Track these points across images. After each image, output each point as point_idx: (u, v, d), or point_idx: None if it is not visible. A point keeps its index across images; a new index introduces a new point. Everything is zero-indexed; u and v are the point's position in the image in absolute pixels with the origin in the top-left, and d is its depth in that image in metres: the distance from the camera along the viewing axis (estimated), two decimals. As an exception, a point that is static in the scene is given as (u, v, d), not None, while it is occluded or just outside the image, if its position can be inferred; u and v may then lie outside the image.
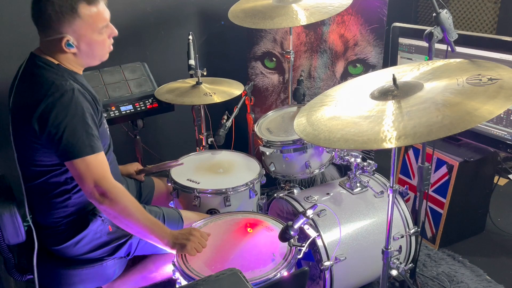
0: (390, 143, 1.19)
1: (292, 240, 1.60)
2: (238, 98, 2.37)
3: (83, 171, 1.48)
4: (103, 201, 1.50)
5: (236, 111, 2.32)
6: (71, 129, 1.45)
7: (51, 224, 1.63)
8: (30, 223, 1.63)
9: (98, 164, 1.50)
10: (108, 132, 1.74)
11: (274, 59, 2.94)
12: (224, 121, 2.22)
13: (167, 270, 1.82)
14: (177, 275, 1.59)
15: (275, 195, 2.07)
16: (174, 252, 1.62)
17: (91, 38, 1.53)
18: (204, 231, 1.70)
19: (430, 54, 1.76)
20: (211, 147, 2.42)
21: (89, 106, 1.52)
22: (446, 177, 2.42)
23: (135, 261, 1.85)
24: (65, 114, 1.45)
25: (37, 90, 1.47)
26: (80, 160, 1.47)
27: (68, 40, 1.50)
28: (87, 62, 1.61)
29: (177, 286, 1.64)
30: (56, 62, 1.54)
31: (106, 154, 1.64)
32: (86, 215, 1.64)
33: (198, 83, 2.36)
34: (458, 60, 1.48)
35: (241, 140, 2.79)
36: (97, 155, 1.50)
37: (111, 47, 1.63)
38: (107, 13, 1.56)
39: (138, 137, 2.53)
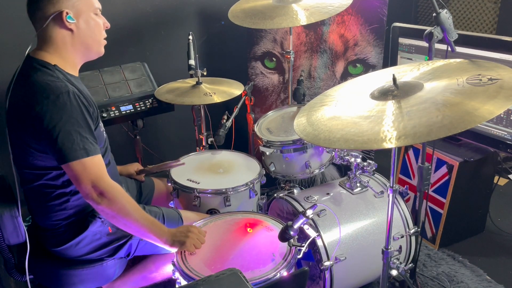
0: (390, 143, 1.19)
1: (292, 240, 1.60)
2: (238, 98, 2.37)
3: (79, 173, 1.47)
4: (101, 202, 1.49)
5: (236, 111, 2.32)
6: (65, 132, 1.45)
7: (50, 226, 1.63)
8: (24, 223, 1.62)
9: (94, 166, 1.49)
10: (105, 134, 1.73)
11: (274, 59, 2.94)
12: (224, 121, 2.22)
13: (167, 270, 1.82)
14: (177, 275, 1.59)
15: (275, 195, 2.07)
16: (173, 250, 1.62)
17: (88, 15, 1.58)
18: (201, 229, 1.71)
19: (430, 54, 1.76)
20: (211, 147, 2.42)
21: (84, 108, 1.51)
22: (446, 177, 2.42)
23: (135, 261, 1.85)
24: (60, 117, 1.45)
25: (32, 92, 1.46)
26: (76, 162, 1.46)
27: (68, 13, 1.52)
28: (84, 48, 1.61)
29: (177, 286, 1.64)
30: (53, 63, 1.54)
31: (103, 156, 1.63)
32: (86, 217, 1.64)
33: (198, 83, 2.36)
34: (458, 60, 1.48)
35: (241, 140, 2.79)
36: (93, 157, 1.49)
37: (105, 41, 1.66)
38: (98, 2, 1.63)
39: (138, 137, 2.53)
